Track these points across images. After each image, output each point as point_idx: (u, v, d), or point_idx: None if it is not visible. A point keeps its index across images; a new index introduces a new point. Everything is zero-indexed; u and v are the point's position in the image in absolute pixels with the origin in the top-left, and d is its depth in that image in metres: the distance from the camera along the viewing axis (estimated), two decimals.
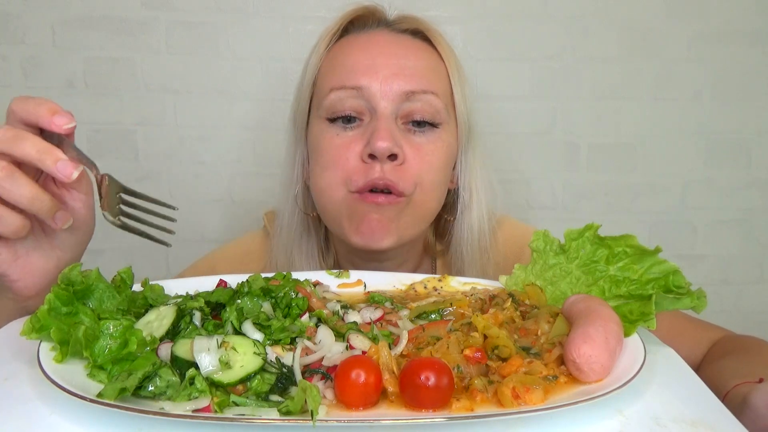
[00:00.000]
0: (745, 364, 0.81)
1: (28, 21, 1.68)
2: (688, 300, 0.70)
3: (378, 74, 0.94)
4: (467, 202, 1.04)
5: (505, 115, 1.79)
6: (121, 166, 1.77)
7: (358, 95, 0.95)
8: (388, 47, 0.98)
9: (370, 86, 0.94)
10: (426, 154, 0.96)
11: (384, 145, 0.90)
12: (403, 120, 0.97)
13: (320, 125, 0.99)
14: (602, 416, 0.56)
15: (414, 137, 0.96)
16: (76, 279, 0.69)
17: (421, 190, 0.95)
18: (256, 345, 0.62)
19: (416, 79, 0.96)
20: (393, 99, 0.94)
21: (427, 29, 1.03)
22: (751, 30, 1.78)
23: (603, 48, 1.77)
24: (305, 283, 0.81)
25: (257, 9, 1.71)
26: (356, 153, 0.94)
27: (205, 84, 1.74)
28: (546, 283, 0.81)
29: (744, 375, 0.75)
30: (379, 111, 0.94)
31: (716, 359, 0.91)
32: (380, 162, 0.92)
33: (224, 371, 0.58)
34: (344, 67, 0.97)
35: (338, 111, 0.96)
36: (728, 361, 0.86)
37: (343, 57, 1.00)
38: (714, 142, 1.84)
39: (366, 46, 0.99)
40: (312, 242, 1.09)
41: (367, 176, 0.92)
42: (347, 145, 0.95)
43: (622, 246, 0.75)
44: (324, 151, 0.97)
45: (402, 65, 0.96)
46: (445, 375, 0.56)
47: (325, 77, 1.00)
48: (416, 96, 0.95)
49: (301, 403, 0.52)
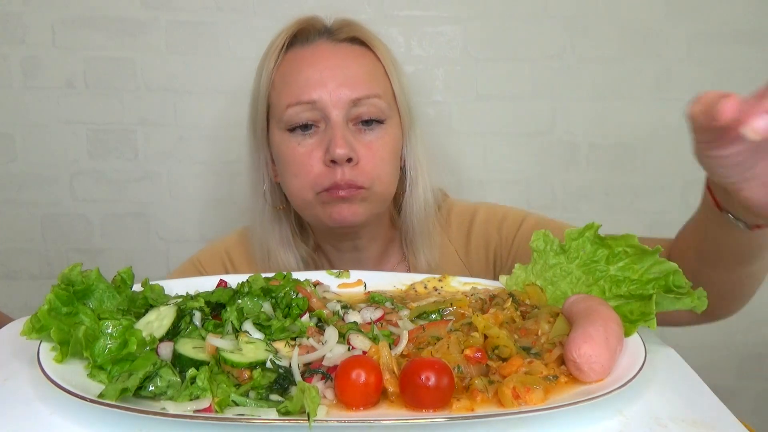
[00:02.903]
0: None
1: (28, 21, 1.68)
2: (688, 300, 0.70)
3: (327, 87, 1.08)
4: (414, 178, 1.19)
5: (505, 115, 1.79)
6: (121, 166, 1.77)
7: (312, 108, 1.08)
8: (332, 59, 1.11)
9: (322, 98, 1.07)
10: (377, 150, 1.10)
11: (341, 152, 1.04)
12: (354, 122, 1.10)
13: (281, 135, 1.12)
14: (602, 416, 0.56)
15: (365, 136, 1.11)
16: (76, 279, 0.69)
17: (379, 182, 1.11)
18: (268, 345, 0.65)
19: (360, 86, 1.09)
20: (342, 107, 1.08)
21: (362, 35, 1.15)
22: (751, 30, 1.78)
23: (603, 48, 1.77)
24: (305, 283, 0.81)
25: (257, 9, 1.71)
26: (318, 159, 1.08)
27: (205, 84, 1.74)
28: (546, 283, 0.81)
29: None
30: (332, 119, 1.07)
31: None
32: (340, 165, 1.06)
33: (236, 354, 0.62)
34: (297, 84, 1.10)
35: (296, 122, 1.09)
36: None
37: (294, 74, 1.11)
38: None
39: (312, 60, 1.11)
40: (285, 230, 1.21)
41: (330, 179, 1.07)
42: (309, 153, 1.09)
43: (622, 246, 0.75)
44: (290, 160, 1.11)
45: (346, 75, 1.10)
46: (446, 375, 0.56)
47: (280, 94, 1.12)
48: (362, 101, 1.09)
49: (300, 403, 0.52)
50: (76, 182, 1.77)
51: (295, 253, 1.21)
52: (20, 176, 1.75)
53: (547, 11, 1.75)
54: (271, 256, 1.20)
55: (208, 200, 1.81)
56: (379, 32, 1.19)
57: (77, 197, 1.77)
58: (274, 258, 1.20)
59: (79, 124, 1.74)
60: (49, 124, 1.73)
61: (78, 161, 1.75)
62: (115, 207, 1.78)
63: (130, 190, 1.78)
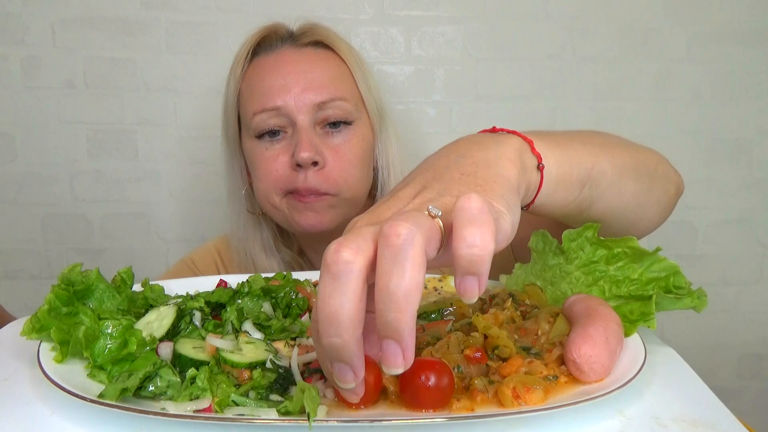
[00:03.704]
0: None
1: (28, 21, 1.68)
2: (688, 300, 0.70)
3: (291, 92, 1.07)
4: (386, 179, 1.19)
5: (505, 115, 1.79)
6: (121, 166, 1.77)
7: (278, 114, 1.08)
8: (296, 65, 1.11)
9: (286, 104, 1.07)
10: (344, 154, 1.10)
11: (305, 155, 1.04)
12: (320, 125, 1.10)
13: (251, 142, 1.13)
14: (602, 416, 0.56)
15: (332, 139, 1.10)
16: (76, 279, 0.69)
17: (347, 187, 1.10)
18: (268, 345, 0.64)
19: (325, 90, 1.09)
20: (308, 111, 1.08)
21: (325, 38, 1.15)
22: (751, 30, 1.78)
23: (603, 48, 1.77)
24: (305, 284, 0.81)
25: (257, 9, 1.71)
26: (284, 163, 1.08)
27: (205, 84, 1.74)
28: (546, 283, 0.81)
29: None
30: (298, 124, 1.07)
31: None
32: (305, 169, 1.06)
33: (236, 354, 0.61)
34: (261, 91, 1.10)
35: (263, 129, 1.10)
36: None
37: (259, 81, 1.12)
38: (714, 142, 1.84)
39: (275, 67, 1.11)
40: (266, 235, 1.21)
41: (292, 183, 1.07)
42: (275, 158, 1.09)
43: (621, 247, 0.75)
44: (258, 165, 1.11)
45: (310, 79, 1.09)
46: (446, 375, 0.56)
47: (247, 102, 1.13)
48: (327, 105, 1.09)
49: (300, 403, 0.52)
50: (76, 182, 1.77)
51: (278, 258, 1.21)
52: (20, 176, 1.76)
53: (547, 11, 1.75)
54: (255, 261, 1.20)
55: (208, 200, 1.81)
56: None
57: (77, 197, 1.77)
58: (258, 263, 1.20)
59: (79, 124, 1.74)
60: (49, 124, 1.73)
61: (78, 161, 1.76)
62: (115, 207, 1.78)
63: (130, 190, 1.78)
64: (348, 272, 0.44)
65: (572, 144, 0.71)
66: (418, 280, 0.43)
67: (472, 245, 0.43)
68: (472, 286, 0.45)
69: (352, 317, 0.44)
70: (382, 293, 0.43)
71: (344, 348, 0.44)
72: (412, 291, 0.43)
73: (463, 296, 0.45)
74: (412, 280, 0.43)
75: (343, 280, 0.44)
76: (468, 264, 0.44)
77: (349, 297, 0.43)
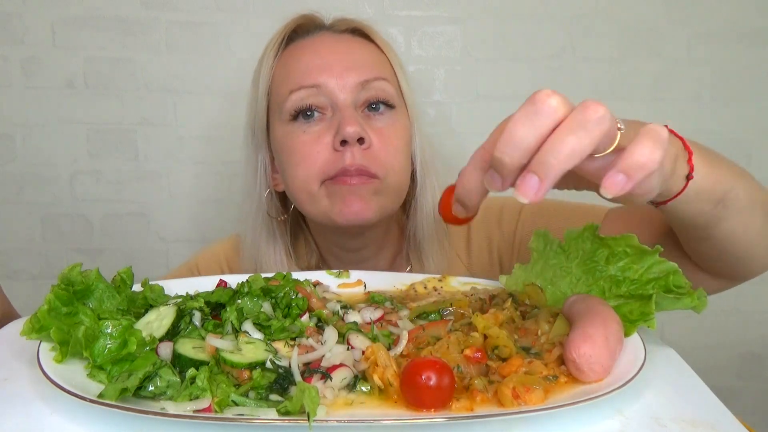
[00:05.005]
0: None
1: (28, 21, 1.68)
2: (688, 300, 0.70)
3: (332, 70, 1.00)
4: (423, 178, 1.11)
5: (505, 115, 1.78)
6: (121, 166, 1.77)
7: (317, 92, 1.00)
8: (335, 46, 1.05)
9: (327, 83, 1.00)
10: (389, 138, 1.02)
11: (353, 129, 0.95)
12: (362, 107, 1.03)
13: (284, 127, 1.03)
14: (602, 416, 0.56)
15: (376, 122, 1.03)
16: (76, 279, 0.69)
17: (394, 172, 1.02)
18: (268, 345, 0.64)
19: (367, 69, 1.02)
20: (350, 90, 1.00)
21: (364, 27, 1.10)
22: (751, 30, 1.78)
23: (603, 48, 1.77)
24: (305, 283, 0.81)
25: (257, 9, 1.71)
26: (326, 144, 0.99)
27: (205, 84, 1.74)
28: (546, 283, 0.81)
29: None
30: (339, 103, 1.00)
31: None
32: (350, 147, 0.96)
33: (236, 354, 0.61)
34: (298, 70, 1.03)
35: (300, 107, 1.01)
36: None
37: (295, 61, 1.05)
38: (714, 142, 1.82)
39: (314, 48, 1.05)
40: (279, 249, 1.12)
41: (338, 164, 0.97)
42: (316, 140, 0.99)
43: (622, 246, 0.75)
44: (294, 149, 1.01)
45: (351, 59, 1.03)
46: (446, 375, 0.56)
47: (281, 83, 1.05)
48: (370, 84, 1.02)
49: (300, 403, 0.52)
50: (76, 182, 1.77)
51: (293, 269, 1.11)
52: (20, 176, 1.76)
53: (547, 11, 1.75)
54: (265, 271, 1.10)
55: (208, 200, 1.81)
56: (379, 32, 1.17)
57: (77, 197, 1.77)
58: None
59: (79, 124, 1.74)
60: (49, 124, 1.73)
61: (78, 161, 1.76)
62: (115, 207, 1.78)
63: (130, 190, 1.78)
64: (548, 115, 0.54)
65: (721, 164, 0.77)
66: (585, 150, 0.52)
67: (642, 154, 0.53)
68: (619, 181, 0.53)
69: (528, 150, 0.54)
70: (555, 140, 0.53)
71: (508, 166, 0.55)
72: (576, 153, 0.52)
73: (604, 186, 0.53)
74: (582, 146, 0.52)
75: (541, 119, 0.54)
76: (629, 164, 0.52)
77: (536, 134, 0.54)
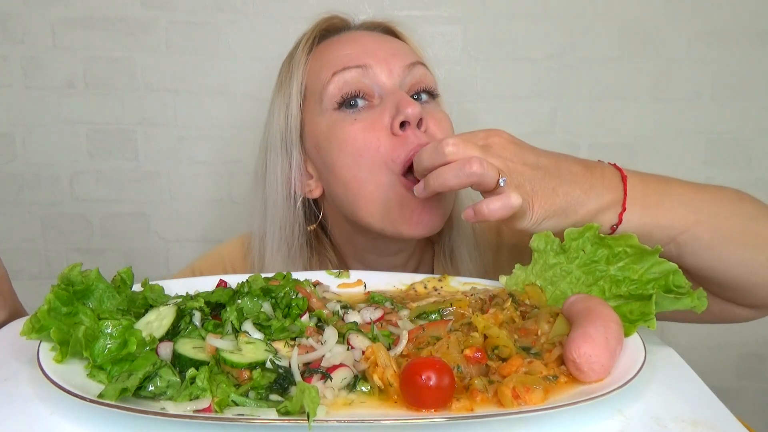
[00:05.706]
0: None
1: (28, 21, 1.68)
2: (688, 300, 0.70)
3: (376, 55, 0.95)
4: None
5: (505, 115, 1.79)
6: (121, 166, 1.77)
7: (363, 74, 0.93)
8: (373, 36, 1.02)
9: (373, 66, 0.94)
10: (443, 121, 0.97)
11: (415, 110, 0.88)
12: (410, 92, 0.96)
13: (328, 118, 0.94)
14: (602, 416, 0.56)
15: (425, 107, 0.95)
16: (76, 279, 0.69)
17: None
18: (268, 345, 0.64)
19: (410, 55, 0.99)
20: (398, 74, 0.95)
21: (396, 25, 1.07)
22: (751, 30, 1.78)
23: (603, 48, 1.77)
24: (305, 283, 0.81)
25: (257, 9, 1.71)
26: (384, 129, 0.90)
27: (205, 84, 1.74)
28: (546, 283, 0.81)
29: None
30: (389, 87, 0.93)
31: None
32: (412, 129, 0.89)
33: (236, 354, 0.61)
34: (339, 57, 0.96)
35: (346, 92, 0.93)
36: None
37: (333, 52, 0.98)
38: (714, 142, 1.84)
39: (351, 39, 1.00)
40: (304, 261, 1.03)
41: (405, 147, 0.89)
42: (371, 126, 0.91)
43: (622, 246, 0.75)
44: (347, 140, 0.91)
45: (393, 47, 0.99)
46: (446, 375, 0.56)
47: (320, 72, 0.97)
48: (416, 67, 0.97)
49: (300, 403, 0.52)
50: (76, 182, 1.77)
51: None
52: (20, 176, 1.76)
53: (547, 11, 1.75)
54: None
55: (208, 200, 1.81)
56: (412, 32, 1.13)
57: (77, 197, 1.77)
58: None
59: (79, 124, 1.74)
60: (49, 124, 1.73)
61: (78, 161, 1.76)
62: (115, 207, 1.78)
63: (130, 190, 1.78)
64: (442, 156, 0.73)
65: (668, 205, 0.78)
66: (453, 186, 0.72)
67: (491, 202, 0.73)
68: (469, 215, 0.75)
69: (425, 170, 0.76)
70: (438, 171, 0.73)
71: (416, 170, 0.81)
72: (446, 184, 0.73)
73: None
74: (451, 183, 0.72)
75: (437, 156, 0.74)
76: (482, 203, 0.73)
77: (432, 163, 0.75)
